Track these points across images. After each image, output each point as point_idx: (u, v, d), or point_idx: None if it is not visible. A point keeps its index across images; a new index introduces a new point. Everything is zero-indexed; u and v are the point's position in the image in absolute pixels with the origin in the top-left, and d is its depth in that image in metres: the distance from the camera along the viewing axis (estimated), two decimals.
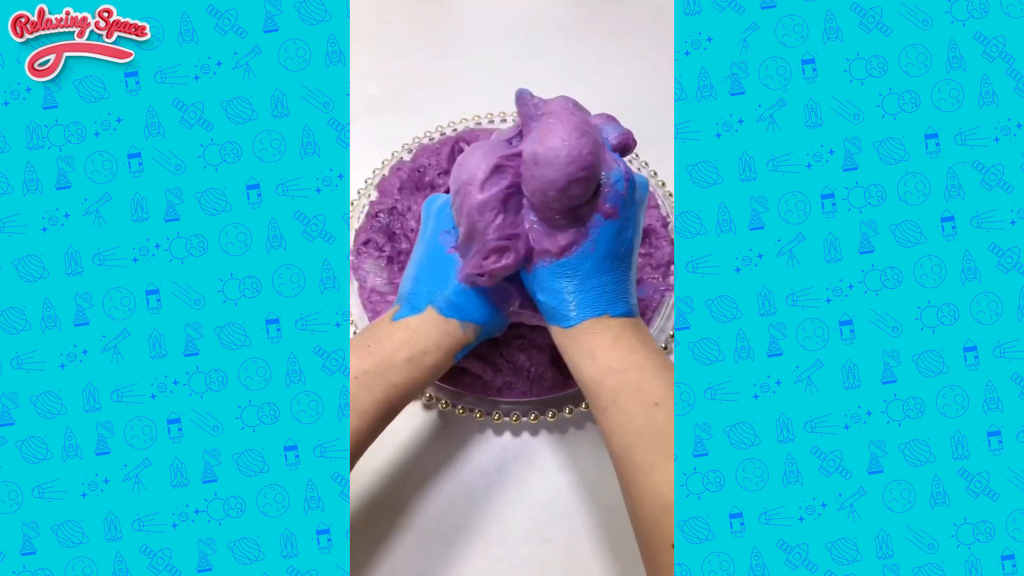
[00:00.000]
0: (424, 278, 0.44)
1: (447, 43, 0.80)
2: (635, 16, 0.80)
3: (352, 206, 0.60)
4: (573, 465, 0.53)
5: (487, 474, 0.53)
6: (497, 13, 0.81)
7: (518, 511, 0.51)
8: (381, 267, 0.57)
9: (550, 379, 0.52)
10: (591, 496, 0.52)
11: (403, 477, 0.52)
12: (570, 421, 0.54)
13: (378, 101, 0.73)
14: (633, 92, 0.73)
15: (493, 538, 0.51)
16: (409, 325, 0.42)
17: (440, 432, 0.54)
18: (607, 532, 0.51)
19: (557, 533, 0.51)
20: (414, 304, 0.43)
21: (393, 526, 0.51)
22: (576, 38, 0.79)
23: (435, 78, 0.76)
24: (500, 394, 0.52)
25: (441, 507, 0.51)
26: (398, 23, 0.80)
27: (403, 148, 0.63)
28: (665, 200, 0.60)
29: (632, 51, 0.77)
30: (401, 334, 0.42)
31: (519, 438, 0.54)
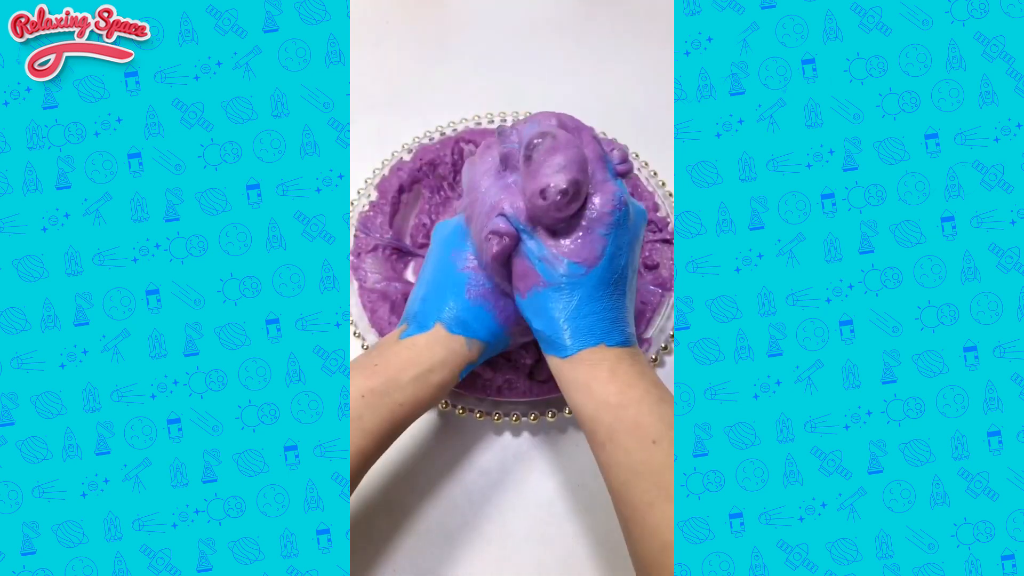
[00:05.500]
0: (432, 297, 0.44)
1: (447, 43, 0.80)
2: (635, 16, 0.80)
3: (352, 206, 0.60)
4: (573, 465, 0.53)
5: (487, 474, 0.53)
6: (497, 13, 0.81)
7: (518, 511, 0.51)
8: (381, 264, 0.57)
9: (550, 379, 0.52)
10: (591, 496, 0.52)
11: (403, 478, 0.52)
12: (570, 421, 0.54)
13: (378, 101, 0.73)
14: (633, 92, 0.73)
15: (493, 538, 0.51)
16: (416, 343, 0.42)
17: (440, 432, 0.54)
18: (607, 532, 0.51)
19: (557, 533, 0.51)
20: (422, 322, 0.43)
21: (393, 526, 0.51)
22: (576, 38, 0.79)
23: (435, 78, 0.76)
24: (500, 394, 0.52)
25: (441, 507, 0.51)
26: (398, 23, 0.80)
27: (403, 148, 0.63)
28: (665, 200, 0.60)
29: (632, 51, 0.77)
30: (408, 353, 0.42)
31: (519, 438, 0.54)
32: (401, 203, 0.60)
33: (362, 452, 0.38)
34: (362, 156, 0.60)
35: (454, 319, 0.43)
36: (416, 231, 0.61)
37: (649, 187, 0.61)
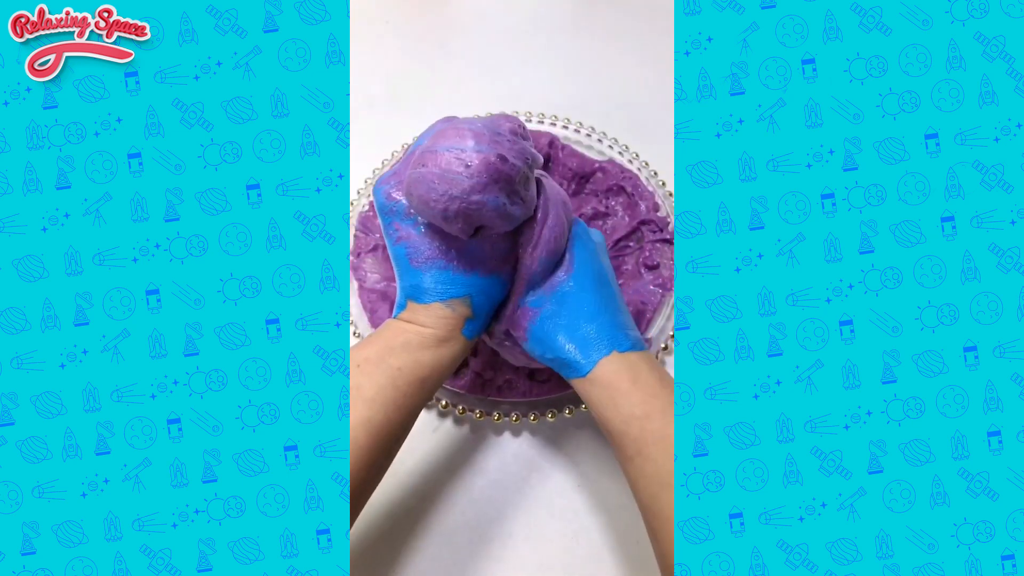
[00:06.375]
0: (398, 279, 0.43)
1: (447, 43, 0.80)
2: (635, 16, 0.80)
3: (352, 206, 0.60)
4: (573, 465, 0.53)
5: (487, 474, 0.53)
6: (497, 13, 0.81)
7: (518, 511, 0.51)
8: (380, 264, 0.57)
9: (550, 379, 0.52)
10: (591, 496, 0.52)
11: (403, 478, 0.52)
12: (570, 421, 0.54)
13: (378, 101, 0.73)
14: (633, 92, 0.73)
15: (493, 538, 0.51)
16: (400, 319, 0.42)
17: (440, 433, 0.54)
18: (607, 532, 0.51)
19: (557, 533, 0.51)
20: (399, 303, 0.43)
21: (393, 526, 0.51)
22: (576, 38, 0.79)
23: (435, 78, 0.76)
24: (500, 394, 0.52)
25: (441, 508, 0.51)
26: (398, 23, 0.80)
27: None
28: (665, 200, 0.60)
29: (632, 51, 0.77)
30: (397, 324, 0.42)
31: (519, 438, 0.54)
32: None
33: (367, 422, 0.37)
34: (362, 156, 0.60)
35: (416, 289, 0.41)
36: None
37: (649, 187, 0.61)
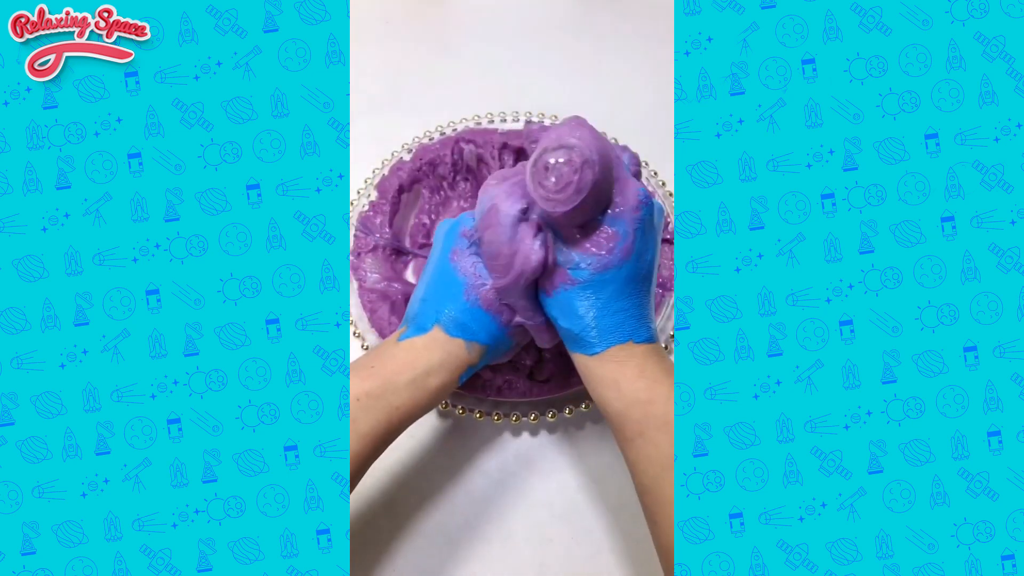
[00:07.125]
0: (432, 298, 0.43)
1: (447, 43, 0.80)
2: (635, 16, 0.80)
3: (352, 206, 0.60)
4: (573, 465, 0.53)
5: (487, 474, 0.53)
6: (497, 13, 0.81)
7: (518, 511, 0.51)
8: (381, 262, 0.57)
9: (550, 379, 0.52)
10: (591, 496, 0.52)
11: (403, 478, 0.52)
12: (570, 421, 0.54)
13: (378, 101, 0.73)
14: (633, 92, 0.73)
15: (493, 539, 0.51)
16: (414, 345, 0.42)
17: (440, 433, 0.54)
18: (607, 532, 0.51)
19: (557, 534, 0.51)
20: (420, 324, 0.43)
21: (393, 527, 0.51)
22: (576, 38, 0.79)
23: (435, 78, 0.76)
24: (500, 394, 0.52)
25: (441, 508, 0.51)
26: (398, 23, 0.80)
27: (403, 148, 0.63)
28: (665, 200, 0.60)
29: (632, 51, 0.77)
30: (405, 355, 0.41)
31: (519, 438, 0.54)
32: (401, 203, 0.60)
33: (358, 456, 0.38)
34: (362, 156, 0.60)
35: (452, 321, 0.42)
36: (416, 231, 0.61)
37: (649, 187, 0.61)
